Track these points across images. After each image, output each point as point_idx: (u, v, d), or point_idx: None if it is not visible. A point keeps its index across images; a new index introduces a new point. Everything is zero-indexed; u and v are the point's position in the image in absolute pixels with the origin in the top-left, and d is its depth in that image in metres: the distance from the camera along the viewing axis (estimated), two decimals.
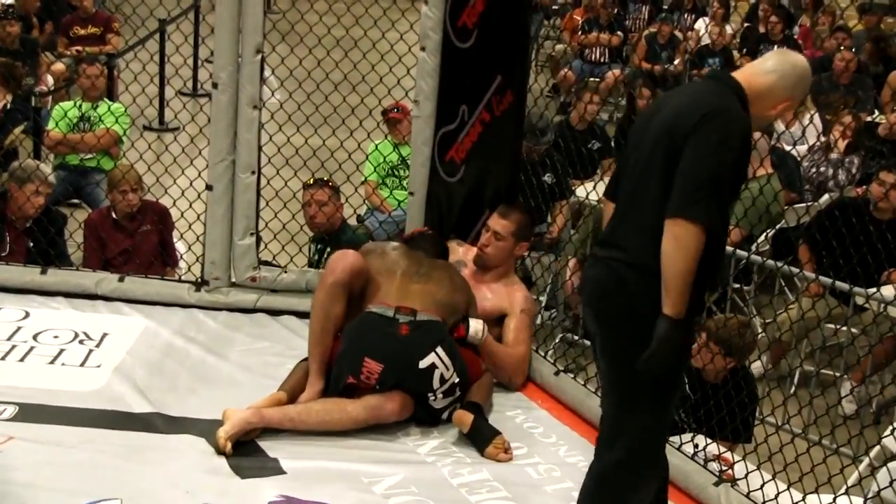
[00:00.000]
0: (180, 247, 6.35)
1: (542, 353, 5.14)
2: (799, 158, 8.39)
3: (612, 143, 8.82)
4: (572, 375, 4.91)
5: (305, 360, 4.58)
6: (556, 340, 6.16)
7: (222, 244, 5.40)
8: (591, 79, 11.53)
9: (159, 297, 5.45)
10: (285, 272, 5.49)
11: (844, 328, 6.04)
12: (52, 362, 4.77)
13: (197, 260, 5.63)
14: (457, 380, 4.45)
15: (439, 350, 4.40)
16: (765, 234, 7.06)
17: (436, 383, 4.40)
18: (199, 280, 5.49)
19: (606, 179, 6.18)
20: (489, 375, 4.68)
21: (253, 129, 5.26)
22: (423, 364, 4.37)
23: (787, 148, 8.43)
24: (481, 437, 4.32)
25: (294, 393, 4.46)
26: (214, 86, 5.22)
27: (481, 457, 4.28)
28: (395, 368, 4.36)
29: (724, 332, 4.79)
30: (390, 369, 4.36)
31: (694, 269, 3.08)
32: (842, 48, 10.56)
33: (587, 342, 6.03)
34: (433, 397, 4.43)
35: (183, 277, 5.73)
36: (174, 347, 5.00)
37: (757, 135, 6.97)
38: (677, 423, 4.80)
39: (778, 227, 6.64)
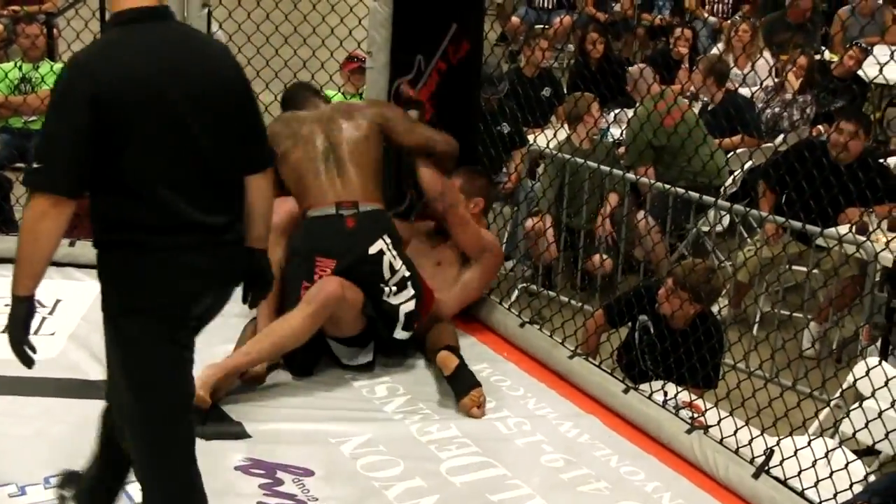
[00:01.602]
0: None
1: (506, 306, 5.08)
2: (751, 99, 8.35)
3: (565, 90, 8.76)
4: (538, 327, 4.86)
5: (253, 320, 4.50)
6: (517, 292, 6.11)
7: None
8: (539, 26, 11.43)
9: None
10: None
11: (804, 269, 6.03)
12: (3, 331, 4.61)
13: None
14: (406, 273, 4.43)
15: (386, 238, 4.41)
16: (729, 178, 7.04)
17: (386, 272, 4.38)
18: None
19: (562, 127, 6.28)
20: (452, 323, 4.63)
21: None
22: (372, 250, 4.37)
23: (741, 90, 8.39)
24: (461, 385, 4.28)
25: None
26: None
27: (455, 408, 4.24)
28: (347, 259, 4.34)
29: (691, 278, 4.74)
30: (343, 261, 4.34)
31: (39, 241, 2.74)
32: None
33: (550, 293, 6.04)
34: (386, 290, 4.38)
35: None
36: None
37: (641, 66, 6.95)
38: (646, 371, 4.77)
39: (743, 170, 6.61)
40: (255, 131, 2.98)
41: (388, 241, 4.41)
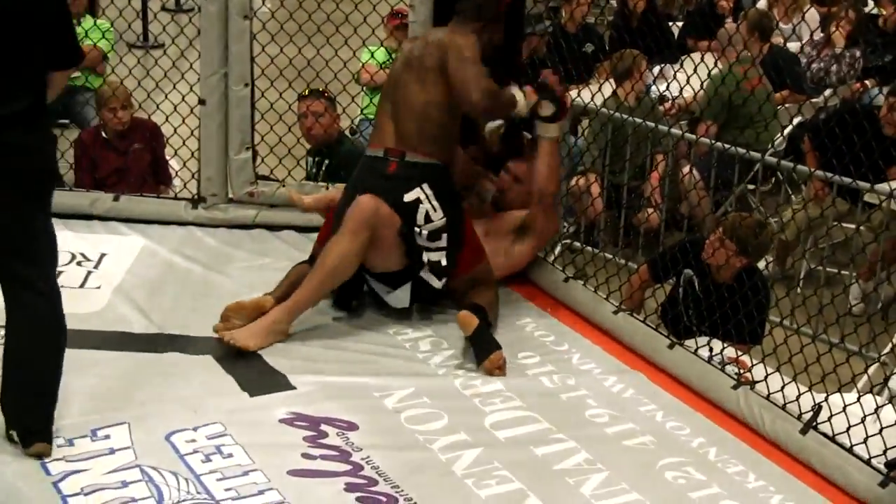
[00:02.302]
0: (174, 164, 6.22)
1: (549, 261, 5.05)
2: (795, 54, 8.25)
3: (607, 47, 8.68)
4: (581, 282, 4.83)
5: (301, 263, 4.54)
6: (560, 248, 6.08)
7: (218, 160, 5.29)
8: None
9: (156, 215, 5.35)
10: (283, 186, 5.37)
11: (851, 226, 5.96)
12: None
13: (192, 177, 5.51)
14: (442, 222, 4.39)
15: (425, 187, 4.37)
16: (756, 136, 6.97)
17: (420, 218, 4.36)
18: (196, 197, 5.38)
19: (606, 82, 6.23)
20: (493, 290, 4.57)
21: (244, 40, 5.14)
22: (407, 197, 4.36)
23: (787, 45, 8.27)
24: (481, 347, 4.24)
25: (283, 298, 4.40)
26: None
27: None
28: (385, 199, 4.35)
29: (740, 230, 4.70)
30: (381, 198, 4.36)
31: None
32: None
33: (593, 249, 6.01)
34: (418, 231, 4.37)
35: (179, 195, 5.62)
36: (174, 266, 4.91)
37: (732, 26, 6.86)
38: (691, 327, 4.74)
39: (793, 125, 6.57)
40: (55, 30, 3.33)
41: (428, 191, 4.37)
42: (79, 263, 4.85)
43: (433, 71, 4.38)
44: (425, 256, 4.43)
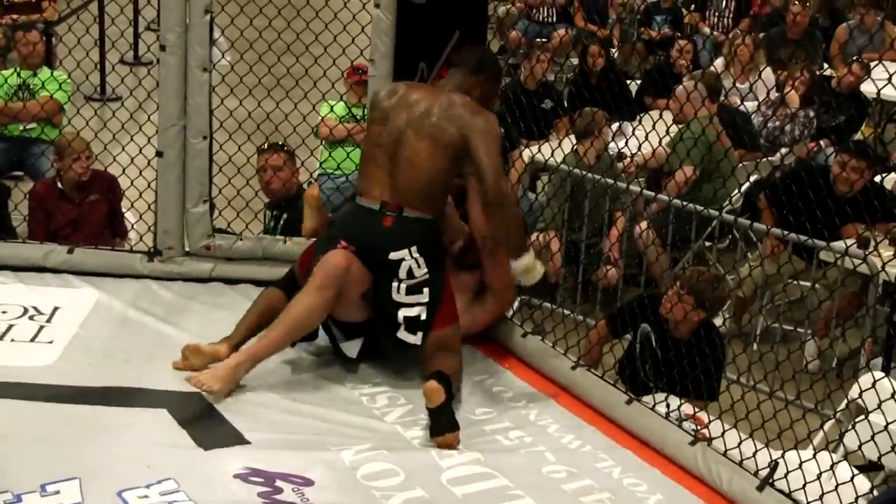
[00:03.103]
0: (130, 216, 6.19)
1: (507, 316, 5.05)
2: (749, 114, 8.36)
3: (566, 104, 8.77)
4: (539, 338, 4.83)
5: (271, 288, 4.57)
6: (518, 303, 6.09)
7: (175, 212, 5.26)
8: (539, 39, 11.43)
9: (111, 268, 5.30)
10: (241, 240, 5.35)
11: (807, 283, 6.02)
12: (0, 338, 4.60)
13: (149, 229, 5.48)
14: (426, 276, 4.37)
15: (413, 249, 4.35)
16: (733, 193, 7.05)
17: (402, 272, 4.34)
18: (152, 250, 5.34)
19: (564, 139, 6.29)
20: (459, 355, 4.50)
21: (203, 93, 5.12)
22: (393, 257, 4.34)
23: (740, 105, 8.38)
24: (440, 423, 4.13)
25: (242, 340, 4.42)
26: (162, 48, 5.06)
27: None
28: (366, 253, 4.34)
29: (698, 284, 4.73)
30: (362, 253, 4.34)
31: None
32: (795, 2, 10.52)
33: (551, 304, 6.03)
34: (396, 286, 4.35)
35: (134, 248, 5.58)
36: (129, 319, 4.86)
37: (689, 85, 6.99)
38: (648, 382, 4.75)
39: (748, 184, 6.66)
40: None
41: (415, 251, 4.35)
42: (31, 317, 4.80)
43: (452, 146, 4.37)
44: (401, 314, 4.39)
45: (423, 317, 4.41)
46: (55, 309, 4.89)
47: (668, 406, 4.30)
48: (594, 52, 9.25)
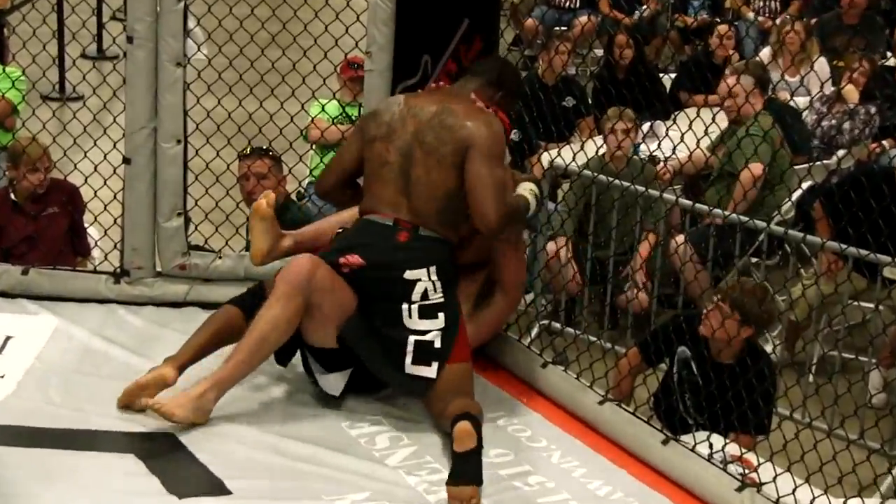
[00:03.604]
0: (94, 232, 6.20)
1: (525, 343, 5.05)
2: (800, 110, 8.37)
3: (590, 101, 8.78)
4: (562, 368, 4.82)
5: (227, 304, 4.63)
6: (537, 329, 6.10)
7: (145, 227, 5.27)
8: (558, 27, 11.47)
9: (71, 291, 5.31)
10: (220, 258, 5.36)
11: (870, 305, 6.00)
12: None
13: (115, 247, 5.49)
14: (441, 300, 4.39)
15: (431, 270, 4.38)
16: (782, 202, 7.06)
17: (415, 295, 4.36)
18: (118, 270, 5.34)
19: (585, 142, 6.30)
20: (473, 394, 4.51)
21: (177, 91, 5.13)
22: (408, 276, 4.36)
23: (790, 100, 8.38)
24: (462, 473, 4.08)
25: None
26: (129, 40, 5.08)
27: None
28: (378, 269, 4.37)
29: (741, 296, 4.75)
30: (372, 268, 4.36)
31: None
32: None
33: (575, 331, 6.03)
34: (407, 308, 4.36)
35: (98, 268, 5.59)
36: (92, 350, 4.86)
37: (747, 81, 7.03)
38: (687, 419, 4.74)
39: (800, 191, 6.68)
40: None
41: (434, 273, 4.39)
42: None
43: (455, 167, 4.40)
44: (411, 340, 4.39)
45: (438, 344, 4.40)
46: (7, 338, 4.89)
47: (710, 446, 4.29)
48: (621, 41, 9.27)
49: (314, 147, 7.57)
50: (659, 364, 5.17)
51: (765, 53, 9.41)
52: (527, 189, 4.55)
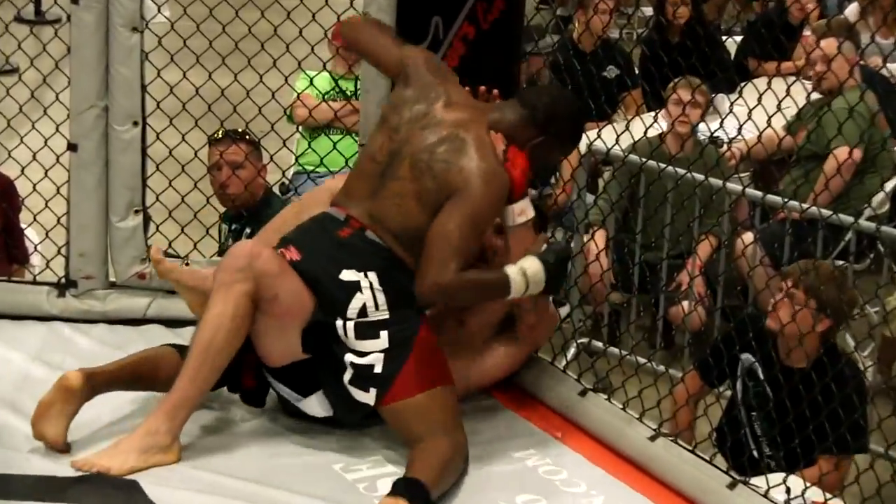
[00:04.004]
0: (32, 234, 6.22)
1: (560, 367, 5.07)
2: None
3: (637, 70, 8.79)
4: (604, 396, 4.85)
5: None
6: (574, 349, 6.11)
7: (95, 228, 5.31)
8: None
9: (6, 306, 5.35)
10: (187, 264, 5.38)
11: None
12: None
13: (58, 252, 5.52)
14: (384, 317, 4.43)
15: (372, 276, 4.44)
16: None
17: (352, 308, 4.42)
18: (63, 281, 5.38)
19: (631, 120, 6.31)
20: (449, 440, 4.48)
21: (133, 62, 5.17)
22: (345, 276, 4.43)
23: (881, 68, 8.39)
24: None
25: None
26: (74, 0, 5.11)
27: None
28: (313, 263, 4.43)
29: (815, 281, 4.79)
30: (306, 261, 4.44)
31: None
32: None
33: (617, 350, 6.05)
34: (342, 325, 4.41)
35: (39, 278, 5.62)
36: (32, 378, 4.87)
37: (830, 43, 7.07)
38: (755, 457, 4.77)
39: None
40: None
41: (374, 280, 4.45)
42: None
43: (430, 207, 4.46)
44: (348, 358, 4.45)
45: (379, 369, 4.45)
46: None
47: (788, 491, 4.30)
48: None
49: (300, 129, 7.59)
50: (722, 384, 5.21)
51: (851, 10, 9.42)
52: (520, 269, 4.47)
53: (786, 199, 6.11)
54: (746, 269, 6.64)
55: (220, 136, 5.97)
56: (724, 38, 9.70)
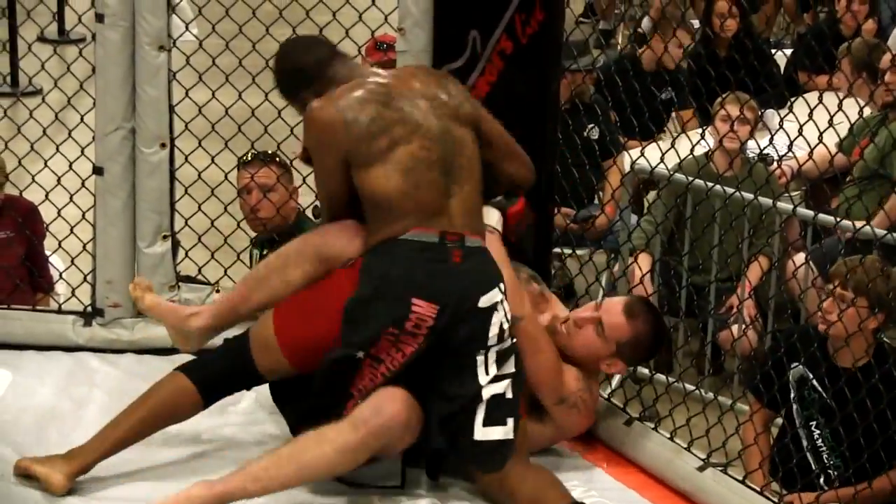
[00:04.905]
0: (57, 261, 6.25)
1: (605, 395, 5.07)
2: None
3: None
4: (652, 425, 4.85)
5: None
6: (619, 377, 6.11)
7: (122, 254, 5.33)
8: None
9: (30, 337, 5.38)
10: (217, 291, 5.41)
11: None
12: None
13: (84, 279, 5.55)
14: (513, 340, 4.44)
15: (502, 287, 4.40)
16: None
17: (492, 335, 4.34)
18: (89, 309, 5.40)
19: (677, 137, 6.31)
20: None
21: (160, 82, 5.21)
22: (484, 302, 4.33)
23: None
24: None
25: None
26: (99, 18, 5.16)
27: None
28: (454, 307, 4.32)
29: (864, 276, 4.83)
30: (448, 309, 4.31)
31: None
32: None
33: (664, 377, 6.02)
34: (481, 360, 4.34)
35: (64, 307, 5.64)
36: (59, 411, 4.91)
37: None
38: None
39: None
40: None
41: (504, 292, 4.41)
42: None
43: (473, 120, 4.58)
44: (484, 394, 4.37)
45: (510, 394, 4.41)
46: None
47: None
48: (722, 8, 9.27)
49: None
50: (782, 405, 5.25)
51: None
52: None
53: (838, 219, 6.12)
54: (798, 292, 6.63)
55: (250, 158, 5.99)
56: (773, 51, 9.69)
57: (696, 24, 10.00)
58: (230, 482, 4.22)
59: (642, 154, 5.32)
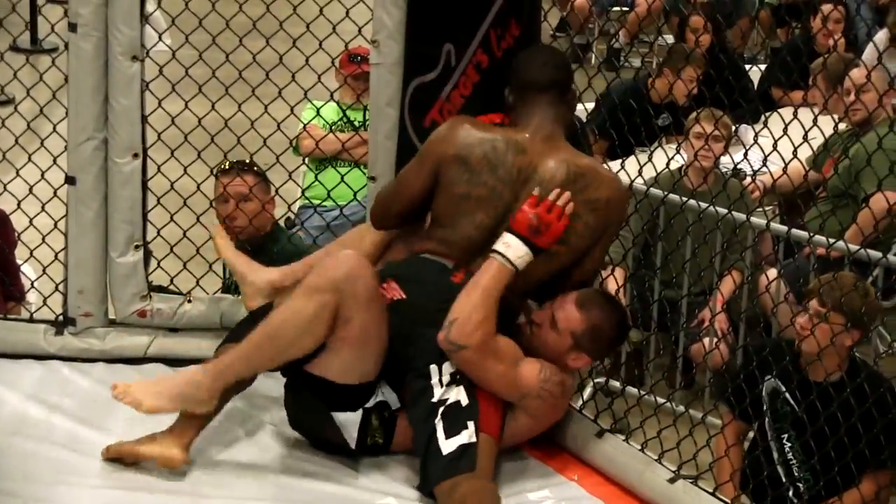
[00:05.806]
0: (28, 271, 6.25)
1: (576, 407, 5.10)
2: None
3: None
4: (622, 437, 4.87)
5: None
6: (590, 388, 6.14)
7: (94, 264, 5.34)
8: (617, 7, 11.56)
9: (2, 345, 5.37)
10: (189, 301, 5.42)
11: None
12: None
13: (56, 289, 5.55)
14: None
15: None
16: None
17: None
18: (61, 318, 5.41)
19: (653, 151, 6.33)
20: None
21: (133, 92, 5.21)
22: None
23: None
24: None
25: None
26: (72, 28, 5.17)
27: None
28: (417, 301, 4.57)
29: (838, 293, 4.87)
30: (411, 300, 4.58)
31: None
32: None
33: (636, 390, 6.05)
34: (434, 371, 4.52)
35: (36, 316, 5.64)
36: (28, 420, 4.91)
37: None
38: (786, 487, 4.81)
39: None
40: None
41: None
42: None
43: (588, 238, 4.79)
44: (445, 395, 4.53)
45: (466, 401, 4.52)
46: None
47: None
48: (697, 24, 9.31)
49: (307, 161, 7.62)
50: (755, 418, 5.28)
51: (880, 38, 9.44)
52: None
53: (811, 234, 6.14)
54: (770, 306, 6.66)
55: (225, 167, 6.01)
56: (747, 66, 9.73)
57: (670, 39, 10.06)
58: (216, 363, 4.52)
59: (622, 167, 5.33)
